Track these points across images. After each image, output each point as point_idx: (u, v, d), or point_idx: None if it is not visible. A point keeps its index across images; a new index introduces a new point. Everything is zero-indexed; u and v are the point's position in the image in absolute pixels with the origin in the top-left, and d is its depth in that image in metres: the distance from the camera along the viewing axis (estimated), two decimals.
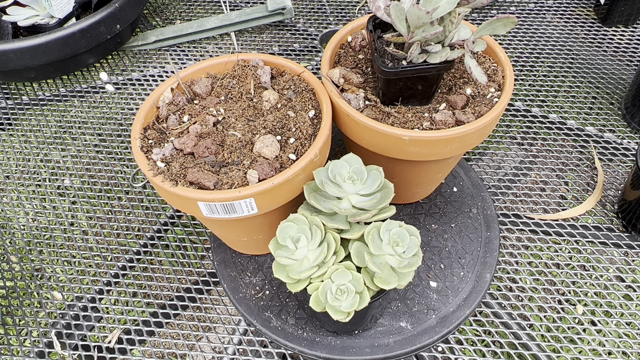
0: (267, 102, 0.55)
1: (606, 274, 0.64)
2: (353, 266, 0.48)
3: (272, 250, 0.49)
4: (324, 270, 0.47)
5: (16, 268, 0.70)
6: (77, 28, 0.83)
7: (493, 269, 0.61)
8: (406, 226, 0.47)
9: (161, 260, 0.69)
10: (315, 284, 0.48)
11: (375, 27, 0.54)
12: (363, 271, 0.48)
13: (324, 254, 0.47)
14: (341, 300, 0.46)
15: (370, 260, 0.46)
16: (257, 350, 0.60)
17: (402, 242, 0.46)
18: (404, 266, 0.47)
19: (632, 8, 0.94)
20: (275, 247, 0.49)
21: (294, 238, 0.47)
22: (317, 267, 0.47)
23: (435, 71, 0.50)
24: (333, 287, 0.47)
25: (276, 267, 0.49)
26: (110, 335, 0.62)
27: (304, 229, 0.48)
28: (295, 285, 0.48)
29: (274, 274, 0.49)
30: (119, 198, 0.76)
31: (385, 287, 0.47)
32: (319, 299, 0.47)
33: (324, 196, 0.50)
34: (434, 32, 0.46)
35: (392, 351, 0.55)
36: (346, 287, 0.46)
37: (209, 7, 1.08)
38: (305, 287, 0.48)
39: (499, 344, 0.59)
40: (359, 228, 0.49)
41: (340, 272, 0.47)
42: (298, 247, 0.47)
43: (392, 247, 0.46)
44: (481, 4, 0.47)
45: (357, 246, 0.49)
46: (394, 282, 0.47)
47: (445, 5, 0.45)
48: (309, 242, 0.48)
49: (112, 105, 0.89)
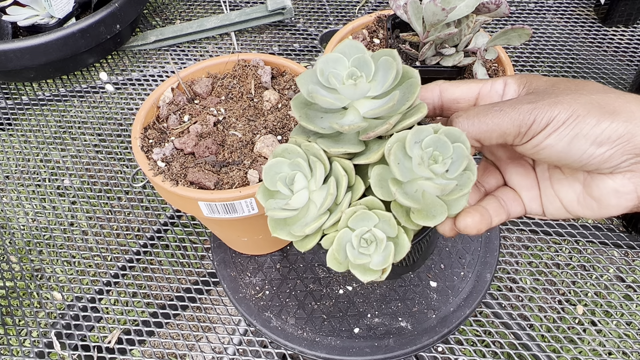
0: (267, 102, 0.55)
1: (606, 274, 0.64)
2: (378, 202, 0.34)
3: (262, 201, 0.35)
4: (338, 216, 0.34)
5: (16, 268, 0.70)
6: (76, 28, 0.83)
7: (493, 269, 0.61)
8: (445, 129, 0.31)
9: (161, 260, 0.69)
10: (331, 234, 0.34)
11: (393, 27, 0.54)
12: (394, 205, 0.34)
13: (332, 194, 0.33)
14: (369, 255, 0.33)
15: (398, 191, 0.32)
16: (257, 350, 0.60)
17: (443, 155, 0.31)
18: (451, 190, 0.32)
19: (632, 8, 0.94)
20: (265, 195, 0.35)
21: (287, 179, 0.34)
22: (329, 213, 0.34)
23: (447, 74, 0.50)
24: (353, 237, 0.33)
25: (272, 223, 0.36)
26: (110, 335, 0.62)
27: (299, 164, 0.34)
28: (304, 243, 0.35)
29: (272, 234, 0.35)
30: (118, 198, 0.76)
31: (429, 223, 0.32)
32: (336, 257, 0.34)
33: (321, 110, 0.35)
34: (449, 33, 0.46)
35: (392, 351, 0.55)
36: (372, 234, 0.33)
37: (209, 7, 1.08)
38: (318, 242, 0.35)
39: (499, 344, 0.59)
40: (377, 146, 0.34)
41: (360, 216, 0.33)
42: (295, 192, 0.34)
43: (428, 166, 0.31)
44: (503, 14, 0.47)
45: (378, 172, 0.34)
46: (441, 214, 0.32)
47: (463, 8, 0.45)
48: (310, 180, 0.34)
49: (112, 105, 0.89)
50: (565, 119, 0.31)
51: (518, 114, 0.32)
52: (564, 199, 0.35)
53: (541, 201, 0.37)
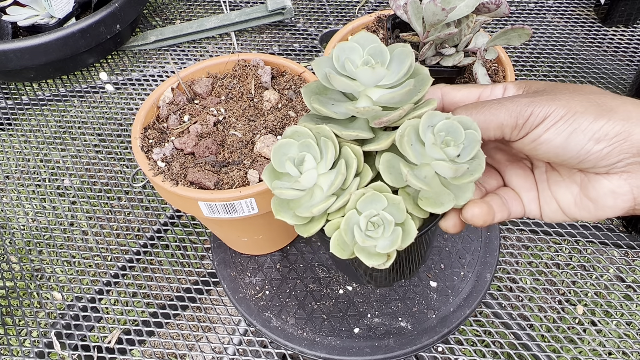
0: (267, 102, 0.55)
1: (606, 274, 0.64)
2: (386, 187, 0.34)
3: (268, 182, 0.35)
4: (346, 199, 0.34)
5: (16, 268, 0.70)
6: (76, 28, 0.83)
7: (493, 269, 0.61)
8: (457, 117, 0.32)
9: (161, 260, 0.69)
10: (335, 220, 0.34)
11: (393, 27, 0.54)
12: (401, 193, 0.35)
13: (343, 174, 0.33)
14: (376, 238, 0.33)
15: (410, 173, 0.32)
16: (257, 350, 0.60)
17: (455, 141, 0.32)
18: (462, 175, 0.32)
19: (632, 8, 0.94)
20: (272, 176, 0.35)
21: (296, 160, 0.34)
22: (335, 197, 0.34)
23: (447, 74, 0.50)
24: (361, 220, 0.33)
25: (276, 204, 0.35)
26: (110, 335, 0.62)
27: (309, 145, 0.34)
28: (308, 227, 0.35)
29: (275, 215, 0.35)
30: (118, 198, 0.76)
31: (436, 210, 0.33)
32: (343, 240, 0.34)
33: (332, 98, 0.36)
34: (449, 33, 0.46)
35: (392, 351, 0.55)
36: (380, 217, 0.33)
37: (209, 7, 1.08)
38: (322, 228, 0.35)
39: (499, 344, 0.59)
40: (386, 135, 0.34)
41: (369, 198, 0.33)
42: (304, 172, 0.34)
43: (441, 148, 0.32)
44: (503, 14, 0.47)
45: (388, 159, 0.34)
46: (449, 201, 0.33)
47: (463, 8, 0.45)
48: (319, 162, 0.34)
49: (112, 105, 0.89)
50: (563, 114, 0.31)
51: (516, 106, 0.32)
52: (561, 201, 0.35)
53: (539, 203, 0.37)
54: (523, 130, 0.32)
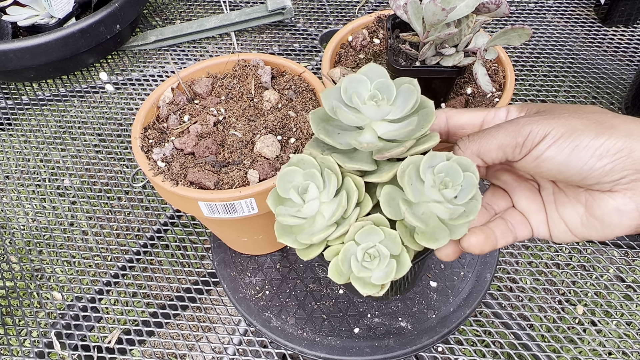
0: (267, 102, 0.55)
1: (606, 274, 0.64)
2: (384, 220, 0.35)
3: (272, 207, 0.36)
4: (345, 229, 0.35)
5: (16, 268, 0.70)
6: (76, 28, 0.83)
7: (493, 269, 0.61)
8: (457, 158, 0.34)
9: (161, 260, 0.69)
10: (334, 246, 0.36)
11: (393, 27, 0.54)
12: (399, 225, 0.36)
13: (343, 206, 0.35)
14: (371, 269, 0.34)
15: (408, 211, 0.33)
16: (257, 350, 0.60)
17: (454, 182, 0.33)
18: (458, 216, 0.33)
19: (632, 8, 0.94)
20: (276, 202, 0.37)
21: (300, 188, 0.35)
22: (336, 225, 0.36)
23: (447, 74, 0.50)
24: (359, 251, 0.34)
25: (279, 229, 0.37)
26: (110, 335, 0.62)
27: (313, 175, 0.35)
28: (308, 252, 0.37)
29: (277, 239, 0.36)
30: (118, 198, 0.76)
31: (431, 245, 0.34)
32: (340, 269, 0.35)
33: (339, 127, 0.37)
34: (448, 33, 0.46)
35: (392, 351, 0.55)
36: (377, 250, 0.35)
37: (209, 7, 1.08)
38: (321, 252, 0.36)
39: (499, 344, 0.59)
40: (389, 167, 0.35)
41: (367, 230, 0.35)
42: (307, 201, 0.35)
43: (439, 190, 0.33)
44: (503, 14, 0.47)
45: (388, 192, 0.35)
46: (443, 238, 0.34)
47: (463, 8, 0.45)
48: (322, 192, 0.35)
49: (112, 105, 0.89)
50: (564, 132, 0.31)
51: (514, 126, 0.33)
52: (568, 222, 0.36)
53: (548, 225, 0.37)
54: (524, 148, 0.33)
